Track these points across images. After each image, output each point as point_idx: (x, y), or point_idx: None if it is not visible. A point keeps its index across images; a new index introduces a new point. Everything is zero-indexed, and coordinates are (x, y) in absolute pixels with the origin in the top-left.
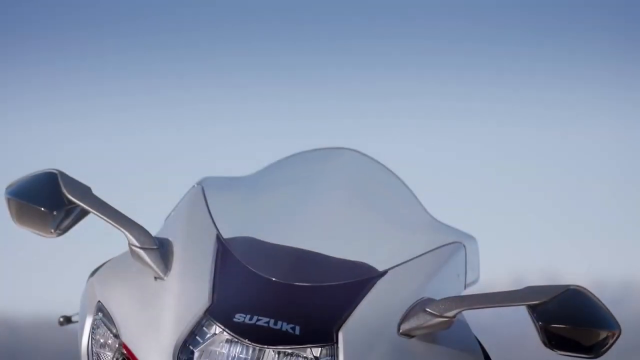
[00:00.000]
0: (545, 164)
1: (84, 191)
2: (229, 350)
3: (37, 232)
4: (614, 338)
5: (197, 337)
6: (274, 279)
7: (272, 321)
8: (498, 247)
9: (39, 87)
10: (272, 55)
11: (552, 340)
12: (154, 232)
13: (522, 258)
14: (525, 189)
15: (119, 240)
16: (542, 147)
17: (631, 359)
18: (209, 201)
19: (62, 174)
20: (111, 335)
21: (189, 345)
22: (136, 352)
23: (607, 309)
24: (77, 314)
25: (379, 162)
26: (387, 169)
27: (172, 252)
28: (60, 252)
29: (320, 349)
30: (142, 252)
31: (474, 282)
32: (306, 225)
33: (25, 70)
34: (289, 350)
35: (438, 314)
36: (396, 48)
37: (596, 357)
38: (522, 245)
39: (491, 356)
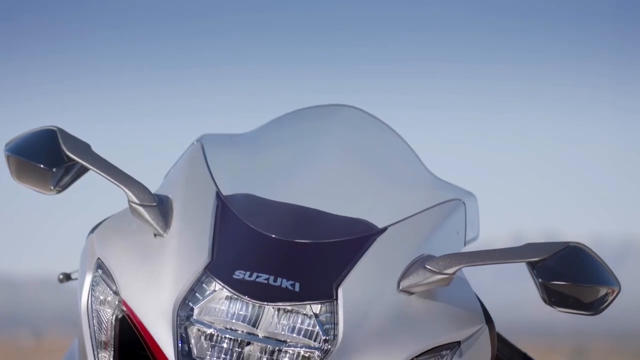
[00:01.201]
0: (547, 124)
1: (83, 148)
2: (229, 306)
3: (37, 189)
4: (614, 295)
5: (196, 294)
6: (273, 235)
7: (271, 278)
8: (498, 205)
9: (38, 40)
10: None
11: (552, 297)
12: (153, 189)
13: (522, 216)
14: (526, 149)
15: (118, 197)
16: (543, 107)
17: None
18: (208, 158)
19: (61, 130)
20: (111, 292)
21: (189, 301)
22: (136, 308)
23: (607, 266)
24: (77, 271)
25: (378, 119)
26: (387, 125)
27: (171, 209)
28: (60, 208)
29: (319, 305)
30: (141, 209)
31: (474, 239)
32: (306, 182)
33: (24, 21)
34: (289, 307)
35: (438, 270)
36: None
37: (596, 314)
38: (522, 203)
39: (490, 313)
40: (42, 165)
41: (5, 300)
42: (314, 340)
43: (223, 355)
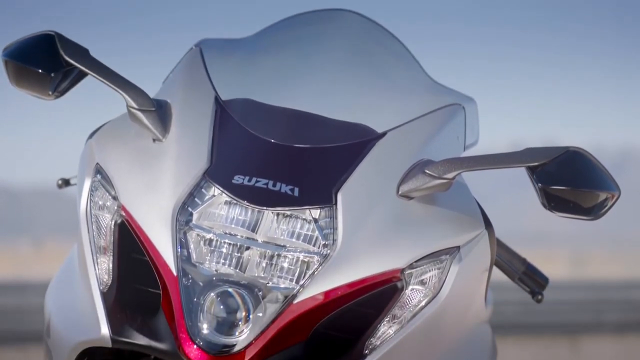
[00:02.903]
0: (549, 29)
1: (82, 53)
2: (228, 211)
3: (35, 94)
4: (613, 200)
5: (195, 199)
6: (272, 140)
7: (270, 183)
8: (498, 111)
9: None
10: None
11: (552, 201)
12: (152, 94)
13: (522, 123)
14: (527, 55)
15: (117, 103)
16: (545, 11)
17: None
18: (207, 63)
19: (60, 35)
20: (110, 197)
21: (188, 206)
22: (135, 213)
23: (607, 171)
24: (76, 176)
25: (378, 24)
26: (387, 31)
27: (170, 114)
28: (59, 114)
29: (319, 210)
30: (140, 114)
31: (473, 144)
32: (305, 87)
33: None
34: (288, 212)
35: (437, 175)
36: None
37: (595, 219)
38: (521, 110)
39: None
40: (40, 70)
41: (5, 210)
42: (314, 245)
43: (222, 260)
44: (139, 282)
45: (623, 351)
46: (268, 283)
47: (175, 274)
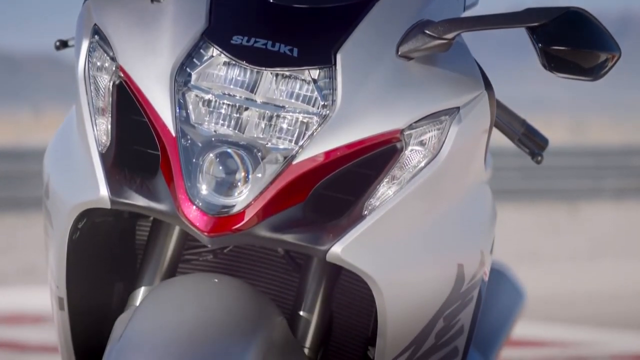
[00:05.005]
0: None
1: None
2: (226, 72)
3: None
4: (614, 60)
5: (194, 60)
6: (271, 0)
7: (269, 43)
8: None
9: None
10: None
11: (552, 62)
12: None
13: None
14: None
15: None
16: None
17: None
18: None
19: None
20: (108, 58)
21: (186, 67)
22: (133, 74)
23: (608, 31)
24: (74, 38)
25: None
26: None
27: None
28: None
29: (318, 70)
30: None
31: (474, 4)
32: None
33: None
34: (287, 72)
35: (437, 35)
36: None
37: (595, 79)
38: None
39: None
40: None
41: (5, 77)
42: (313, 106)
43: (221, 121)
44: (137, 144)
45: (622, 217)
46: (267, 144)
47: (174, 134)
